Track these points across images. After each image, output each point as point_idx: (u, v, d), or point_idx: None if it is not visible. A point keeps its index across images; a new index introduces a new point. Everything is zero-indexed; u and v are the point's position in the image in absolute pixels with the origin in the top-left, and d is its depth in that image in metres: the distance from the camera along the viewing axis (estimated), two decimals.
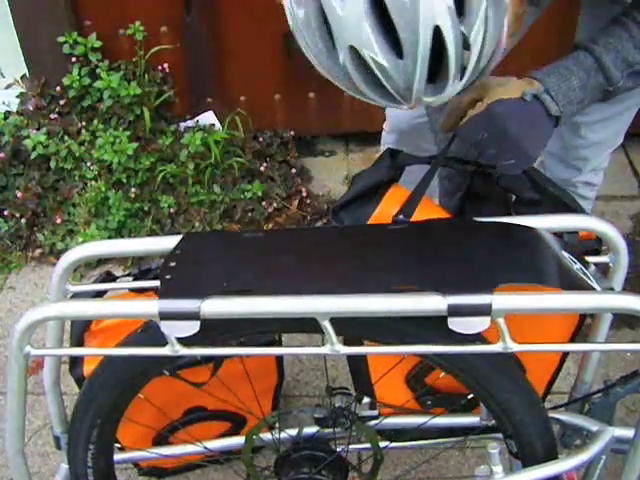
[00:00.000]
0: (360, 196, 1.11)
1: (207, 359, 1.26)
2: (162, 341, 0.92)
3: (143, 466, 1.49)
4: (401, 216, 1.04)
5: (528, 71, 1.09)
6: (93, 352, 1.16)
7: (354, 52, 0.82)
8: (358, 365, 1.24)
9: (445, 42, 0.80)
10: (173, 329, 0.88)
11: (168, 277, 0.92)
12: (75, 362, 1.24)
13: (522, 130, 1.03)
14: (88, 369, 1.21)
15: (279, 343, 1.39)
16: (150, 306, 0.87)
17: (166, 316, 0.87)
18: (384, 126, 1.63)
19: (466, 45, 0.81)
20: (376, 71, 0.83)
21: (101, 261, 2.19)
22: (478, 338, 0.92)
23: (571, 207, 1.12)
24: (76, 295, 1.09)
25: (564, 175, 1.56)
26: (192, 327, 0.86)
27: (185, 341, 0.90)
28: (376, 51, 0.80)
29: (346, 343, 0.98)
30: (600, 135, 1.47)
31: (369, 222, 1.08)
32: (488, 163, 1.06)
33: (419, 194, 1.06)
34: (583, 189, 1.59)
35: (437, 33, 0.79)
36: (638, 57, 1.02)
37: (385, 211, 1.07)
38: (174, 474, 1.56)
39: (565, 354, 1.22)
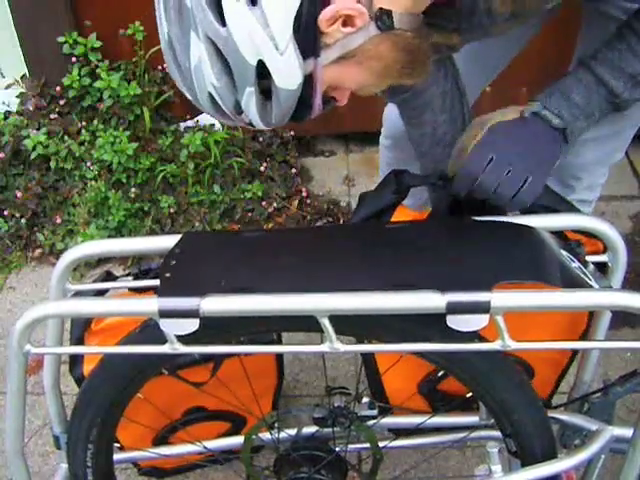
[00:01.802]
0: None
1: (207, 359, 1.26)
2: (161, 340, 0.92)
3: (143, 466, 1.49)
4: None
5: (536, 79, 1.09)
6: (92, 350, 1.16)
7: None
8: (370, 371, 1.25)
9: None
10: (173, 327, 0.88)
11: (168, 275, 0.92)
12: (75, 362, 1.24)
13: (528, 147, 1.01)
14: (88, 369, 1.21)
15: (279, 343, 1.39)
16: (150, 304, 0.87)
17: (166, 314, 0.87)
18: (382, 130, 1.63)
19: (239, 111, 0.87)
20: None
21: (101, 261, 2.19)
22: (477, 336, 0.92)
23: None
24: (76, 294, 1.10)
25: None
26: (192, 325, 0.87)
27: (184, 339, 0.90)
28: (181, 86, 0.88)
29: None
30: (595, 154, 1.44)
31: None
32: (499, 204, 1.01)
33: None
34: (577, 206, 1.56)
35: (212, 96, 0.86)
36: (639, 67, 1.01)
37: None
38: (174, 474, 1.56)
39: (573, 355, 1.22)
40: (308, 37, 0.83)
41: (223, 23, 0.80)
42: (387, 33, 0.88)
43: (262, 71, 0.83)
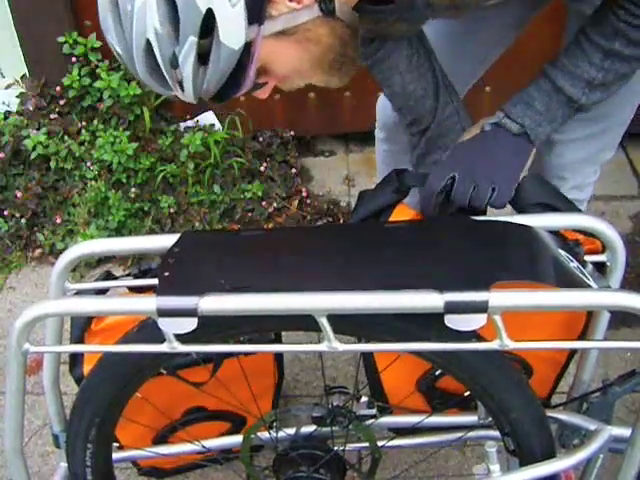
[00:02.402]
0: (365, 220, 1.11)
1: (206, 360, 1.26)
2: (160, 339, 0.92)
3: (143, 466, 1.49)
4: None
5: (532, 71, 1.10)
6: (91, 349, 1.17)
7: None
8: (369, 369, 1.25)
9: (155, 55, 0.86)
10: (171, 326, 0.88)
11: (166, 274, 0.92)
12: (75, 362, 1.25)
13: (490, 157, 1.06)
14: (88, 369, 1.22)
15: (278, 342, 1.39)
16: (148, 303, 0.87)
17: (164, 313, 0.87)
18: (376, 122, 1.63)
19: (174, 64, 0.86)
20: (116, 55, 0.90)
21: (101, 261, 2.19)
22: (474, 336, 0.92)
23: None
24: (75, 294, 1.10)
25: None
26: (190, 324, 0.87)
27: (183, 338, 0.90)
28: (114, 39, 0.87)
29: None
30: (580, 153, 1.45)
31: None
32: (475, 210, 1.07)
33: None
34: None
35: (150, 44, 0.85)
36: (594, 73, 1.04)
37: None
38: (174, 474, 1.55)
39: (572, 354, 1.22)
40: (257, 0, 0.83)
41: None
42: (327, 18, 0.90)
43: (207, 24, 0.82)
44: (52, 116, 2.30)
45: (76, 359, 1.24)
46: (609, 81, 1.05)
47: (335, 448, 1.23)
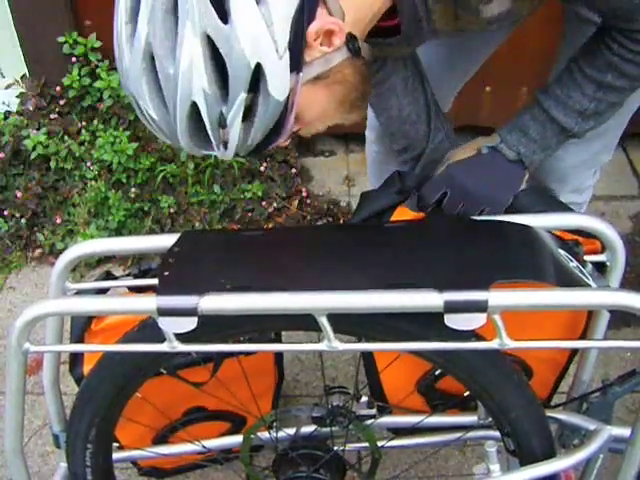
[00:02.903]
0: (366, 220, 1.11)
1: (206, 359, 1.26)
2: (160, 339, 0.92)
3: (143, 466, 1.49)
4: None
5: (536, 79, 1.11)
6: (91, 349, 1.17)
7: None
8: (369, 369, 1.25)
9: (202, 116, 0.83)
10: (171, 325, 0.88)
11: (166, 274, 0.92)
12: (75, 362, 1.25)
13: (482, 181, 1.09)
14: (88, 369, 1.22)
15: (278, 341, 1.39)
16: (148, 302, 0.88)
17: (164, 312, 0.87)
18: (367, 123, 1.64)
19: (223, 124, 0.84)
20: (148, 120, 0.87)
21: (101, 261, 2.19)
22: (474, 335, 0.92)
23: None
24: (76, 293, 1.10)
25: None
26: (190, 323, 0.87)
27: (183, 338, 0.91)
28: (148, 105, 0.84)
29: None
30: (578, 157, 1.45)
31: None
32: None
33: None
34: None
35: (195, 107, 0.82)
36: (586, 104, 1.04)
37: None
38: (174, 474, 1.55)
39: (572, 355, 1.22)
40: (297, 47, 0.82)
41: (225, 20, 0.77)
42: (354, 59, 0.89)
43: (254, 78, 0.80)
44: (52, 116, 2.29)
45: (76, 359, 1.24)
46: (601, 110, 1.06)
47: (335, 448, 1.23)
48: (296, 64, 0.83)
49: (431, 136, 1.27)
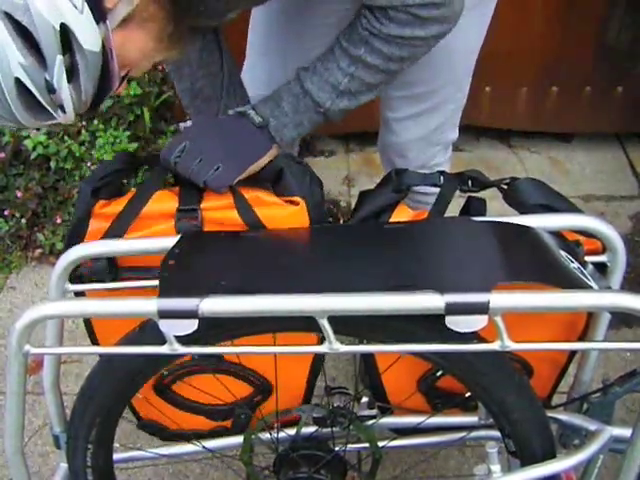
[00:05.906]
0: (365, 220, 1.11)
1: None
2: (161, 340, 0.92)
3: (144, 418, 1.41)
4: None
5: (537, 79, 1.10)
6: (92, 350, 1.16)
7: None
8: (370, 371, 1.25)
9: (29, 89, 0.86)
10: (172, 327, 0.88)
11: (167, 276, 0.92)
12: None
13: (223, 139, 1.09)
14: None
15: None
16: (149, 304, 0.87)
17: (165, 314, 0.87)
18: None
19: (51, 90, 0.86)
20: None
21: None
22: (475, 336, 0.92)
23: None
24: (76, 295, 1.10)
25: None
26: (190, 325, 0.87)
27: (184, 340, 0.90)
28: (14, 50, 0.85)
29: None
30: (416, 131, 1.45)
31: None
32: (196, 181, 1.07)
33: None
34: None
35: (20, 82, 0.84)
36: (340, 77, 1.06)
37: None
38: (173, 439, 1.44)
39: (572, 354, 1.22)
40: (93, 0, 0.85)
41: None
42: None
43: (63, 39, 0.83)
44: None
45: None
46: (355, 89, 1.07)
47: (336, 449, 1.23)
48: (100, 13, 0.86)
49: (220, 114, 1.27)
